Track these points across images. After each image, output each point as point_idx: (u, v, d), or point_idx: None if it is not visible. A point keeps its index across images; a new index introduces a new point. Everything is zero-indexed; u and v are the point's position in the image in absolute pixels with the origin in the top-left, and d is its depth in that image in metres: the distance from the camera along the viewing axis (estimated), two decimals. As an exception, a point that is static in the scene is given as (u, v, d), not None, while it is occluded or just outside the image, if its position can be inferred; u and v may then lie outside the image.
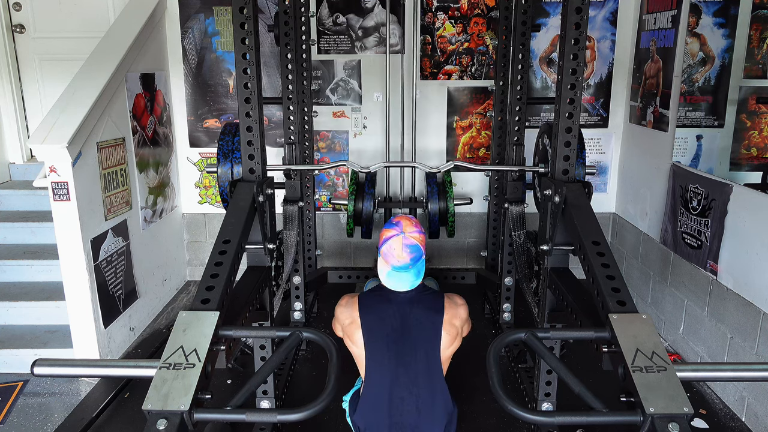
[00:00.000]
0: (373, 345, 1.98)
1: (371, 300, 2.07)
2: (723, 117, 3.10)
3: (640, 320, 1.64)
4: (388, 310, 2.01)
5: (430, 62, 3.94)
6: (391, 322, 1.99)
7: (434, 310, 2.02)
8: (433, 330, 1.98)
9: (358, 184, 3.51)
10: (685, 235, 3.02)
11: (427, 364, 1.97)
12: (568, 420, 1.41)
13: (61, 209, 2.82)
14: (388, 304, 2.02)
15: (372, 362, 1.98)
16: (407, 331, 1.99)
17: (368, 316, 2.01)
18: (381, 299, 2.05)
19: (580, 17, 2.11)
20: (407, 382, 1.96)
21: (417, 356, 1.97)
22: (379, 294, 2.07)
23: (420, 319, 2.00)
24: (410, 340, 1.98)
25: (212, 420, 1.47)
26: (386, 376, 1.96)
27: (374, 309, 2.03)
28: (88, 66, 3.15)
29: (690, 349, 3.05)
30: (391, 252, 1.99)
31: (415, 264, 1.99)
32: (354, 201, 3.44)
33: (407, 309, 2.01)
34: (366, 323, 2.00)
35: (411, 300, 2.03)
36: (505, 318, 3.38)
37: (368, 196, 3.45)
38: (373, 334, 1.99)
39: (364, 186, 3.49)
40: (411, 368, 1.96)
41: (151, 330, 3.56)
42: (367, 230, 3.53)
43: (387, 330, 1.99)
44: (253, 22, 2.15)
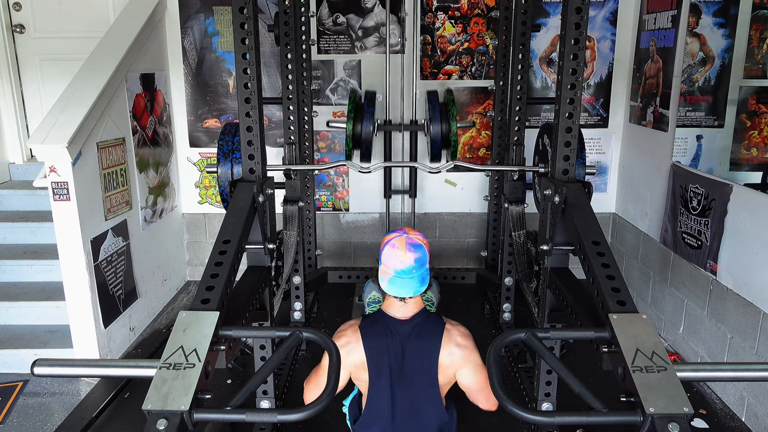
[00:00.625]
0: (376, 378, 1.94)
1: (375, 338, 1.96)
2: (723, 117, 3.10)
3: (640, 320, 1.64)
4: (391, 344, 1.94)
5: (430, 62, 3.94)
6: (394, 355, 1.94)
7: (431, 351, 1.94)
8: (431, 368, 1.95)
9: (356, 104, 3.29)
10: (685, 235, 3.02)
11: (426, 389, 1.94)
12: (568, 420, 1.41)
13: (61, 209, 2.82)
14: (390, 338, 1.94)
15: (374, 390, 1.96)
16: (408, 362, 1.94)
17: (374, 357, 1.94)
18: (384, 334, 1.95)
19: (580, 17, 2.11)
20: (407, 405, 1.95)
21: (416, 384, 1.94)
22: (381, 326, 1.97)
23: (419, 351, 1.94)
24: (410, 370, 1.94)
25: (212, 420, 1.47)
26: (386, 401, 1.95)
27: (379, 347, 1.94)
28: (88, 66, 3.15)
29: (690, 349, 3.05)
30: (394, 252, 1.91)
31: (419, 268, 1.91)
32: (353, 121, 3.22)
33: (407, 342, 1.94)
34: (372, 364, 1.94)
35: (411, 332, 1.95)
36: (505, 318, 3.38)
37: (368, 116, 3.19)
38: (378, 371, 1.94)
39: (364, 105, 3.25)
40: (410, 394, 1.95)
41: (151, 330, 3.56)
42: (366, 152, 3.27)
43: (388, 363, 1.93)
44: (253, 22, 2.15)
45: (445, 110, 3.27)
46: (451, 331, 1.98)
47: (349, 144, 3.24)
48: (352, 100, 3.31)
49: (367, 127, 3.19)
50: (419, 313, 1.98)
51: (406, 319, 1.96)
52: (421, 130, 3.50)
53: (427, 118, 3.32)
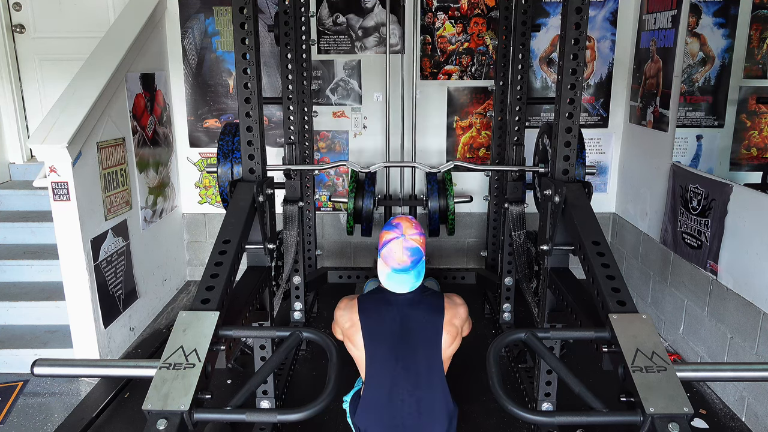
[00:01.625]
0: (374, 347, 1.98)
1: (371, 302, 2.06)
2: (723, 117, 3.10)
3: (640, 320, 1.64)
4: (388, 312, 2.00)
5: (430, 62, 3.94)
6: (391, 324, 1.98)
7: (434, 311, 2.01)
8: (434, 330, 1.98)
9: (358, 183, 3.50)
10: (685, 235, 3.02)
11: (427, 365, 1.97)
12: (568, 420, 1.41)
13: (61, 209, 2.82)
14: (387, 306, 2.01)
15: (372, 364, 1.98)
16: (407, 333, 1.98)
17: (368, 318, 2.00)
18: (381, 301, 2.04)
19: (580, 17, 2.11)
20: (408, 383, 1.95)
21: (417, 357, 1.97)
22: (379, 296, 2.06)
23: (420, 320, 1.99)
24: (410, 341, 1.97)
25: (212, 420, 1.47)
26: (387, 378, 1.96)
27: (374, 311, 2.02)
28: (88, 66, 3.15)
29: (690, 349, 3.05)
30: (392, 255, 1.98)
31: (415, 266, 1.98)
32: (354, 199, 3.44)
33: (407, 310, 2.00)
34: (366, 326, 1.99)
35: (411, 301, 2.02)
36: (505, 318, 3.38)
37: (368, 194, 3.45)
38: (374, 337, 1.98)
39: (364, 184, 3.48)
40: (411, 369, 1.96)
41: (151, 330, 3.56)
42: (367, 228, 3.52)
43: (387, 332, 1.98)
44: (253, 22, 2.15)
45: (443, 189, 3.46)
46: (451, 297, 2.11)
47: (350, 221, 3.48)
48: (353, 179, 3.51)
49: (368, 205, 3.44)
50: (417, 288, 2.07)
51: (404, 293, 2.04)
52: (420, 205, 3.63)
53: (425, 196, 3.54)
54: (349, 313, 2.04)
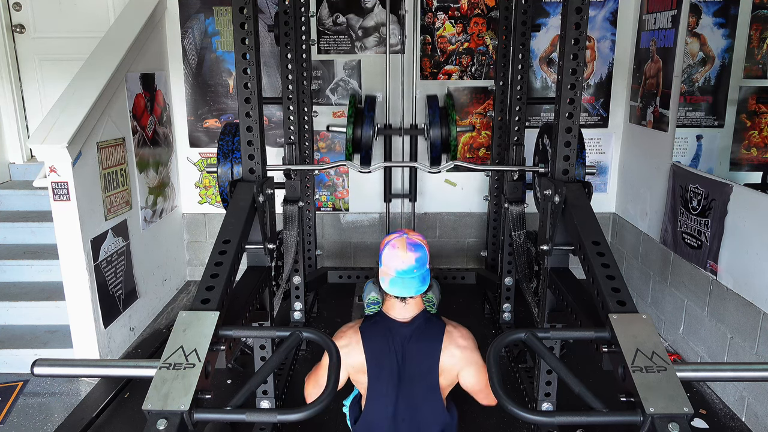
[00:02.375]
0: (375, 380, 1.94)
1: (375, 340, 1.96)
2: (723, 117, 3.10)
3: (640, 320, 1.63)
4: (391, 346, 1.94)
5: (430, 62, 3.94)
6: (393, 358, 1.93)
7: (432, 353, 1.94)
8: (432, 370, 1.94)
9: (357, 109, 3.30)
10: (685, 235, 3.02)
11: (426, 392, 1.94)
12: (568, 420, 1.41)
13: (61, 209, 2.82)
14: (391, 340, 1.94)
15: (373, 391, 1.96)
16: (408, 364, 1.94)
17: (374, 359, 1.94)
18: (384, 336, 1.95)
19: (580, 17, 2.11)
20: (407, 407, 1.95)
21: (416, 386, 1.94)
22: (382, 328, 1.97)
23: (420, 353, 1.93)
24: (410, 372, 1.93)
25: (212, 420, 1.47)
26: (387, 404, 1.95)
27: (379, 350, 1.94)
28: (88, 66, 3.15)
29: (690, 349, 3.05)
30: (395, 252, 1.91)
31: (420, 268, 1.91)
32: (353, 126, 3.24)
33: (408, 344, 1.94)
34: (371, 365, 1.94)
35: (411, 334, 1.95)
36: (505, 318, 3.38)
37: (368, 121, 3.21)
38: (376, 371, 1.93)
39: (364, 110, 3.26)
40: (410, 396, 1.95)
41: (151, 330, 3.56)
42: (366, 156, 3.28)
43: (391, 366, 1.93)
44: (253, 22, 2.15)
45: (444, 114, 3.28)
46: (452, 333, 1.98)
47: (349, 148, 3.26)
48: (352, 104, 3.33)
49: (367, 132, 3.21)
50: (420, 314, 1.98)
51: (407, 321, 1.96)
52: (421, 134, 3.51)
53: (426, 122, 3.33)
54: (355, 354, 1.95)
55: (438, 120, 3.22)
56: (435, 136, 3.22)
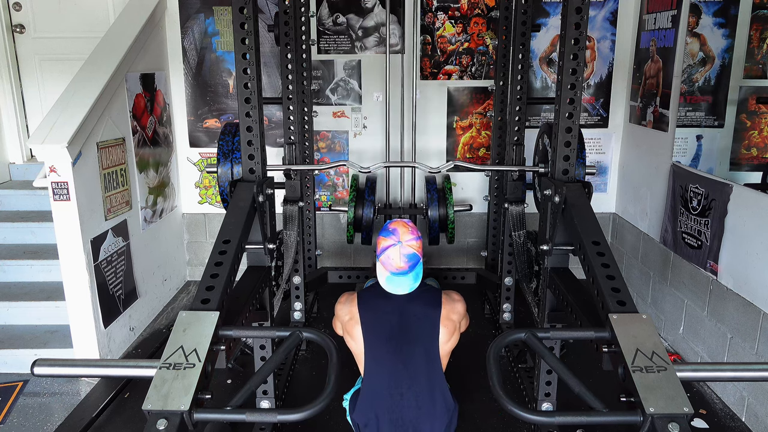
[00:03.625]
0: (372, 341, 1.99)
1: (370, 297, 2.09)
2: (723, 117, 3.10)
3: (640, 320, 1.64)
4: (387, 306, 2.04)
5: (430, 62, 3.94)
6: (389, 319, 2.01)
7: (432, 306, 2.03)
8: (431, 325, 2.00)
9: (358, 190, 3.51)
10: (685, 235, 3.02)
11: (426, 359, 1.98)
12: (568, 420, 1.41)
13: (61, 209, 2.82)
14: (387, 300, 2.05)
15: (371, 358, 1.99)
16: (406, 327, 2.00)
17: (367, 312, 2.03)
18: (380, 296, 2.07)
19: (580, 17, 2.11)
20: (406, 377, 1.96)
21: (416, 352, 1.98)
22: (378, 291, 2.09)
23: (418, 314, 2.02)
24: (409, 335, 1.99)
25: (212, 420, 1.47)
26: (385, 373, 1.97)
27: (373, 305, 2.06)
28: (88, 66, 3.15)
29: (690, 349, 3.05)
30: (390, 261, 2.02)
31: (413, 269, 2.02)
32: (354, 207, 3.45)
33: (406, 305, 2.03)
34: (365, 319, 2.01)
35: (409, 296, 2.05)
36: (505, 318, 3.38)
37: (368, 203, 3.46)
38: (372, 330, 2.00)
39: (365, 193, 3.49)
40: (410, 364, 1.97)
41: (151, 330, 3.56)
42: (367, 236, 3.54)
43: (386, 326, 2.00)
44: (253, 22, 2.15)
45: (442, 197, 3.47)
46: (449, 294, 2.13)
47: (350, 230, 3.49)
48: (353, 187, 3.51)
49: (368, 213, 3.44)
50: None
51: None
52: (420, 214, 3.63)
53: (425, 204, 3.54)
54: (348, 306, 2.08)
55: (436, 203, 3.46)
56: (433, 217, 3.46)
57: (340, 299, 2.16)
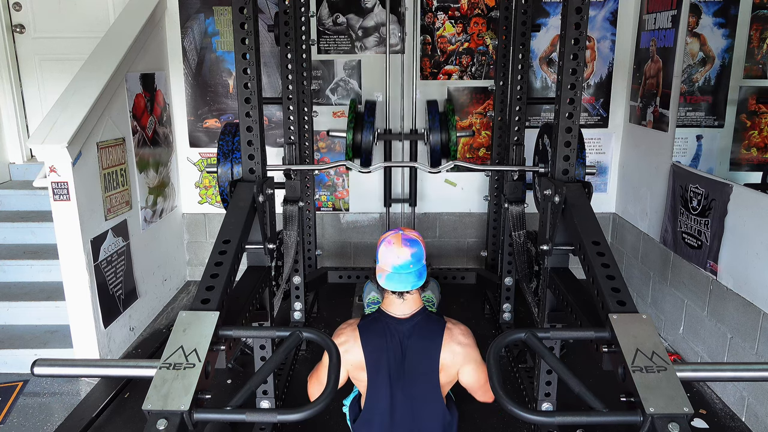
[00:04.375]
0: (375, 376, 1.95)
1: (373, 337, 1.96)
2: (723, 117, 3.10)
3: (640, 320, 1.63)
4: (390, 343, 1.94)
5: (430, 62, 3.94)
6: (392, 355, 1.94)
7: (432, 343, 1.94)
8: (431, 361, 1.93)
9: (357, 114, 3.31)
10: (685, 235, 3.02)
11: (426, 390, 1.94)
12: (568, 420, 1.41)
13: (61, 209, 2.82)
14: (390, 337, 1.95)
15: (373, 389, 1.96)
16: (406, 363, 1.94)
17: (372, 356, 1.95)
18: (382, 333, 1.96)
19: (580, 17, 2.11)
20: (407, 407, 1.96)
21: (416, 384, 1.93)
22: (380, 325, 1.98)
23: (419, 351, 1.94)
24: (409, 370, 1.94)
25: (212, 420, 1.47)
26: (386, 402, 1.96)
27: (378, 347, 1.95)
28: (88, 66, 3.15)
29: (690, 349, 3.05)
30: (390, 248, 1.93)
31: (416, 263, 1.93)
32: (353, 131, 3.26)
33: (407, 341, 1.95)
34: (371, 364, 1.95)
35: (411, 330, 1.95)
36: (505, 318, 3.38)
37: (368, 125, 3.23)
38: (377, 371, 1.94)
39: (364, 115, 3.28)
40: (411, 393, 1.95)
41: (151, 330, 3.56)
42: (366, 160, 3.29)
43: (390, 362, 1.94)
44: (253, 22, 2.15)
45: (444, 119, 3.29)
46: (453, 330, 1.99)
47: (349, 153, 3.28)
48: (352, 109, 3.34)
49: (367, 137, 3.22)
50: (419, 311, 1.98)
51: (406, 318, 1.97)
52: (421, 139, 3.50)
53: (426, 127, 3.35)
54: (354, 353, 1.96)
55: (438, 125, 3.23)
56: (435, 141, 3.23)
57: (339, 339, 1.99)
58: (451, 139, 3.23)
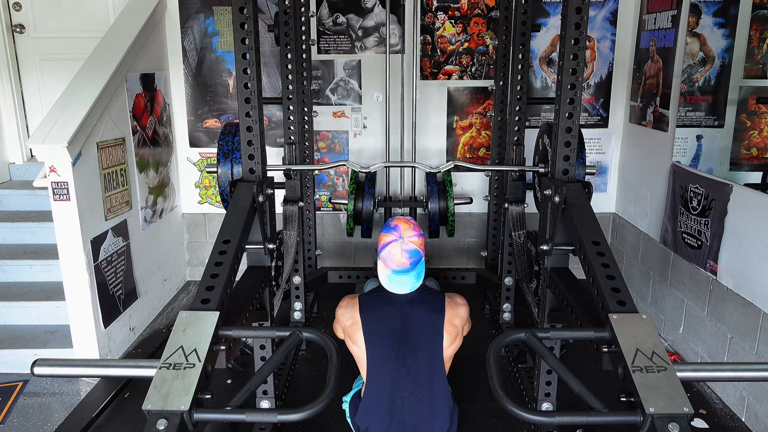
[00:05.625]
0: (375, 346, 1.98)
1: (372, 301, 2.07)
2: (723, 117, 3.10)
3: (640, 320, 1.64)
4: (389, 310, 2.01)
5: (430, 62, 3.94)
6: (392, 323, 1.99)
7: (435, 310, 2.02)
8: (434, 330, 1.99)
9: (357, 184, 3.50)
10: (685, 235, 3.02)
11: (428, 364, 1.97)
12: (568, 420, 1.41)
13: (61, 209, 2.82)
14: (388, 304, 2.02)
15: (373, 363, 1.98)
16: (408, 332, 1.99)
17: (369, 316, 2.01)
18: (382, 300, 2.05)
19: (580, 17, 2.11)
20: (409, 382, 1.96)
21: (418, 356, 1.97)
22: (380, 295, 2.07)
23: (421, 319, 2.00)
24: (411, 340, 1.98)
25: (212, 420, 1.47)
26: (388, 377, 1.96)
27: (375, 310, 2.03)
28: (88, 66, 3.15)
29: (690, 349, 3.05)
30: (391, 257, 2.00)
31: (414, 267, 2.00)
32: (354, 201, 3.44)
33: (408, 309, 2.01)
34: (367, 324, 2.00)
35: (412, 300, 2.03)
36: (505, 318, 3.38)
37: (368, 196, 3.45)
38: (374, 335, 1.99)
39: (364, 185, 3.49)
40: (412, 368, 1.96)
41: (151, 330, 3.56)
42: (367, 229, 3.53)
43: (388, 331, 1.99)
44: (253, 22, 2.15)
45: (443, 190, 3.44)
46: (452, 297, 2.12)
47: (350, 223, 3.48)
48: (353, 180, 3.50)
49: (368, 207, 3.43)
50: (418, 288, 2.08)
51: (405, 294, 2.06)
52: (420, 206, 3.62)
53: (425, 197, 3.52)
54: (350, 311, 2.06)
55: (437, 196, 3.44)
56: (434, 210, 3.44)
57: (341, 303, 2.13)
58: (449, 208, 3.43)
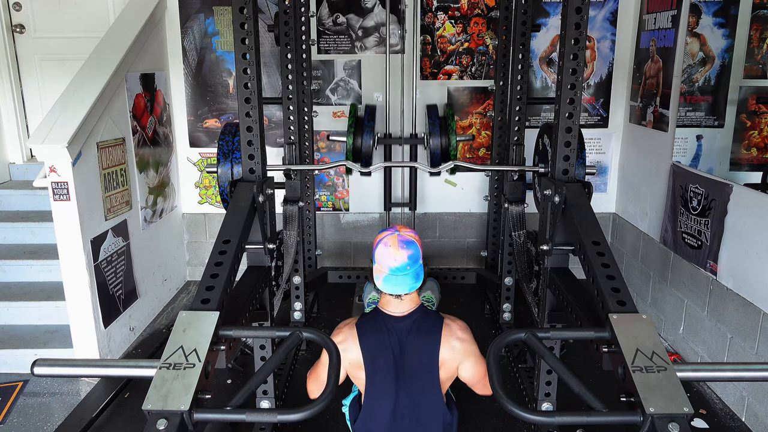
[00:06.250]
0: (373, 375, 1.95)
1: (371, 335, 1.96)
2: (723, 117, 3.10)
3: (640, 320, 1.63)
4: (388, 341, 1.94)
5: (430, 62, 3.94)
6: (390, 353, 1.94)
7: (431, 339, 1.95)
8: (430, 359, 1.94)
9: (357, 119, 3.30)
10: (685, 235, 3.02)
11: (426, 387, 1.94)
12: (568, 420, 1.41)
13: (61, 209, 2.82)
14: (387, 335, 1.95)
15: (372, 387, 1.96)
16: (406, 360, 1.94)
17: (370, 354, 1.94)
18: (380, 331, 1.96)
19: (580, 17, 2.11)
20: (408, 403, 1.95)
21: (416, 382, 1.93)
22: (378, 323, 1.97)
23: (417, 348, 1.94)
24: (409, 367, 1.94)
25: (212, 420, 1.47)
26: (387, 399, 1.95)
27: (375, 345, 1.95)
28: (88, 66, 3.15)
29: (690, 349, 3.05)
30: (387, 250, 1.92)
31: (413, 265, 1.92)
32: (353, 136, 3.26)
33: (405, 338, 1.94)
34: (369, 362, 1.94)
35: (409, 328, 1.95)
36: (505, 318, 3.38)
37: (368, 131, 3.23)
38: (375, 369, 1.94)
39: (364, 120, 3.27)
40: (411, 391, 1.95)
41: (151, 330, 3.56)
42: (366, 163, 3.29)
43: (388, 360, 1.93)
44: (253, 22, 2.15)
45: (444, 124, 3.29)
46: (451, 326, 2.00)
47: (349, 157, 3.28)
48: (352, 113, 3.34)
49: (368, 141, 3.23)
50: (417, 309, 1.99)
51: (404, 315, 1.97)
52: (421, 144, 3.51)
53: (426, 131, 3.34)
54: (352, 351, 1.96)
55: (438, 130, 3.23)
56: (435, 145, 3.23)
57: (337, 338, 1.99)
58: (451, 143, 3.23)
